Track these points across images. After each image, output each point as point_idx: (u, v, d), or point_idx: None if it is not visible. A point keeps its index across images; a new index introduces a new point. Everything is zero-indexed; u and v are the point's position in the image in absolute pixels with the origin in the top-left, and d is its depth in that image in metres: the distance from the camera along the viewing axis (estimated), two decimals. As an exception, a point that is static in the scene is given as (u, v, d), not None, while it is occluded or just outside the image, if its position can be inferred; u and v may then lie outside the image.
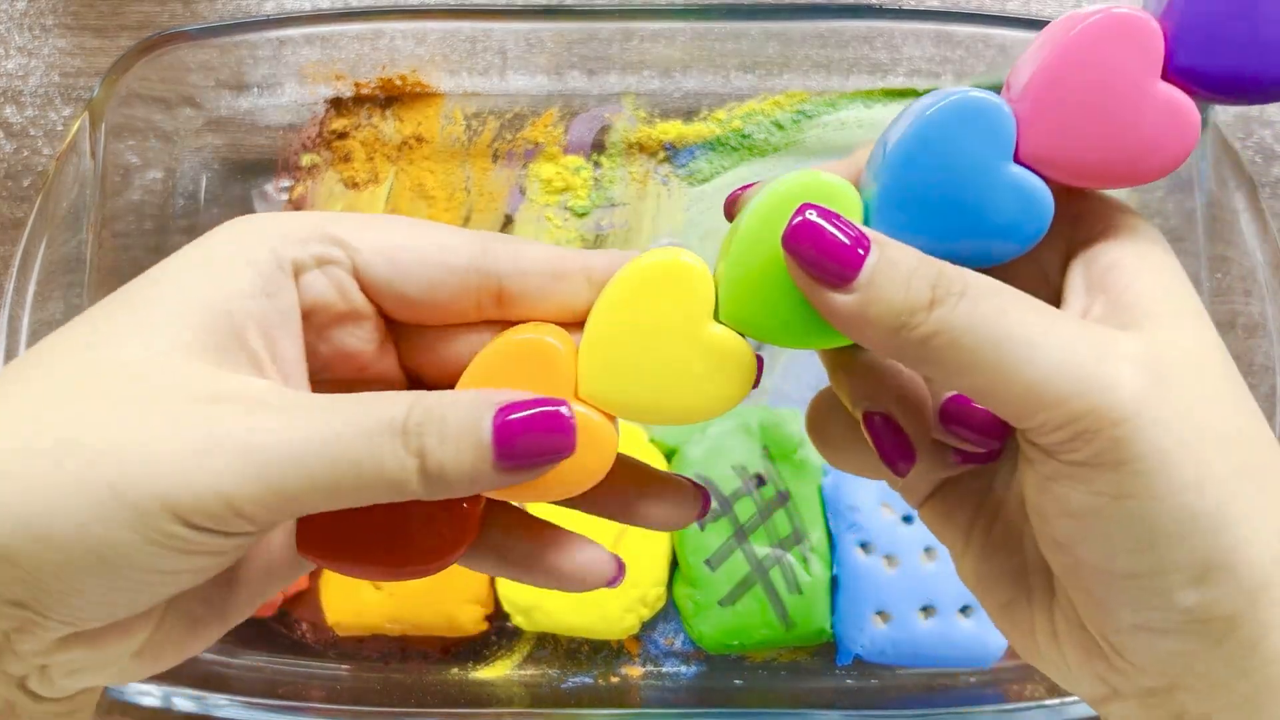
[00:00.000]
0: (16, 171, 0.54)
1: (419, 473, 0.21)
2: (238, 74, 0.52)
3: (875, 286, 0.21)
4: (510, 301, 0.25)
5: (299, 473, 0.20)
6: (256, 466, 0.20)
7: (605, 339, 0.24)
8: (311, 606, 0.50)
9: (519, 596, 0.48)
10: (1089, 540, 0.22)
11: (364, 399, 0.21)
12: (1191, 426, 0.20)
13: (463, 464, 0.21)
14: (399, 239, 0.24)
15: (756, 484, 0.48)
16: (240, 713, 0.45)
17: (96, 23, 0.55)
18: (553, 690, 0.49)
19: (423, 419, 0.21)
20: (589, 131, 0.53)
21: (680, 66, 0.53)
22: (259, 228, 0.24)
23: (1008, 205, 0.23)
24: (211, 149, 0.53)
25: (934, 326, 0.21)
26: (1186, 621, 0.21)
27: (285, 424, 0.20)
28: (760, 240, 0.23)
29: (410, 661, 0.50)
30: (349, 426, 0.21)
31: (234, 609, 0.25)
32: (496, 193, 0.53)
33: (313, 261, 0.24)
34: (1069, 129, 0.22)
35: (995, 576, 0.26)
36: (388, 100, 0.53)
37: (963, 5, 0.54)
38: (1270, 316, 0.47)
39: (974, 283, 0.21)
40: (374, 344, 0.25)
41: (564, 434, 0.22)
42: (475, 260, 0.24)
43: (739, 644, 0.48)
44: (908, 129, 0.23)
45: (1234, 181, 0.48)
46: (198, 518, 0.20)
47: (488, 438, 0.21)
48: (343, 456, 0.20)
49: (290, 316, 0.23)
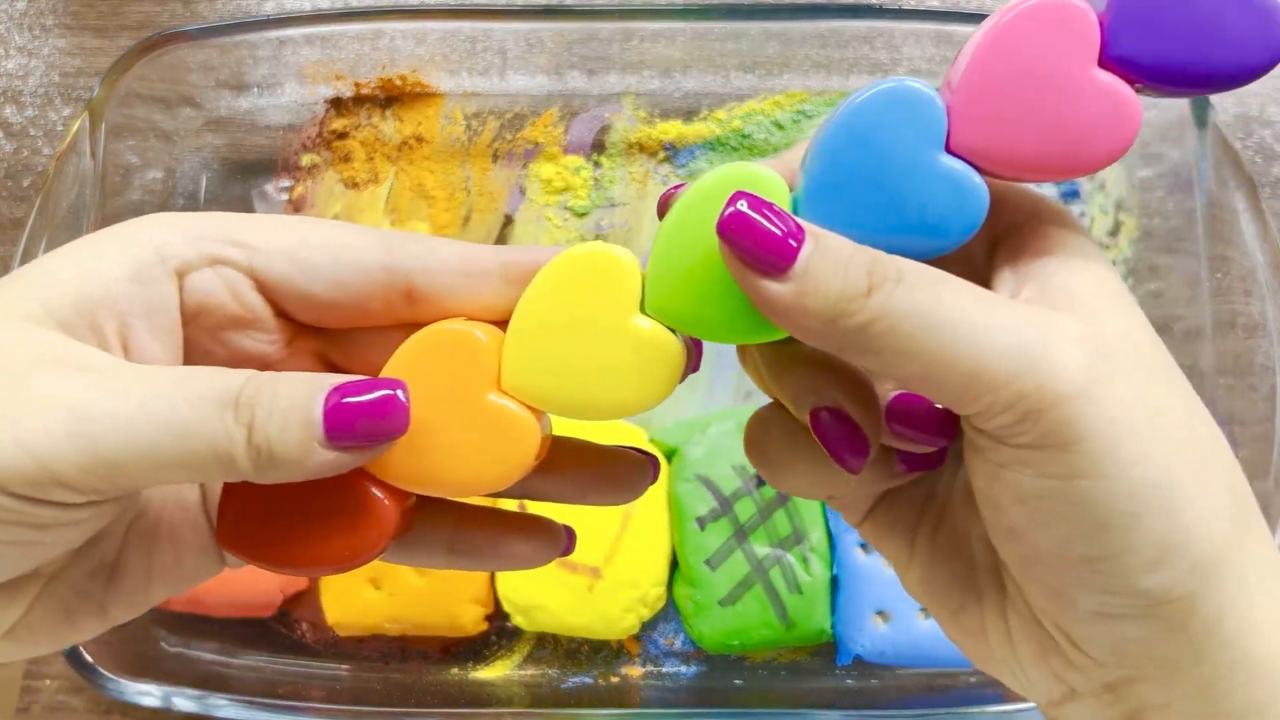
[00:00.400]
0: (16, 171, 0.54)
1: (246, 445, 0.20)
2: (238, 74, 0.52)
3: (811, 275, 0.21)
4: (421, 300, 0.24)
5: (124, 439, 0.20)
6: (76, 428, 0.19)
7: (529, 331, 0.24)
8: (311, 606, 0.50)
9: (519, 596, 0.48)
10: (1044, 526, 0.21)
11: (205, 371, 0.21)
12: (1135, 403, 0.20)
13: (289, 440, 0.21)
14: (301, 238, 0.24)
15: (756, 484, 0.48)
16: (240, 713, 0.45)
17: (96, 23, 0.55)
18: (553, 690, 0.49)
19: (255, 392, 0.21)
20: (589, 131, 0.53)
21: (680, 66, 0.53)
22: (154, 222, 0.23)
23: (939, 198, 0.22)
24: (211, 149, 0.53)
25: (872, 313, 0.20)
26: (1146, 605, 0.21)
27: (115, 388, 0.20)
28: (687, 232, 0.23)
29: (410, 661, 0.50)
30: (180, 392, 0.20)
31: (115, 605, 0.24)
32: (496, 193, 0.53)
33: (203, 260, 0.23)
34: (1001, 119, 0.22)
35: (943, 583, 0.25)
36: (388, 100, 0.53)
37: (963, 5, 0.54)
38: (1270, 316, 0.47)
39: (910, 269, 0.21)
40: (276, 346, 0.25)
41: (395, 415, 0.22)
42: (382, 258, 0.24)
43: (739, 644, 0.48)
44: (836, 119, 0.23)
45: (1234, 181, 0.48)
46: (14, 483, 0.19)
47: (318, 414, 0.21)
48: (169, 422, 0.20)
49: (158, 310, 0.23)
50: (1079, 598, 0.22)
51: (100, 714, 0.49)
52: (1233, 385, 0.48)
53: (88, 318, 0.22)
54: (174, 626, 0.49)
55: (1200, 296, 0.49)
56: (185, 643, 0.49)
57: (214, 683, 0.47)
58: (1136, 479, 0.20)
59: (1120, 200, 0.53)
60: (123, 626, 0.26)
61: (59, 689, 0.49)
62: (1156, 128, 0.51)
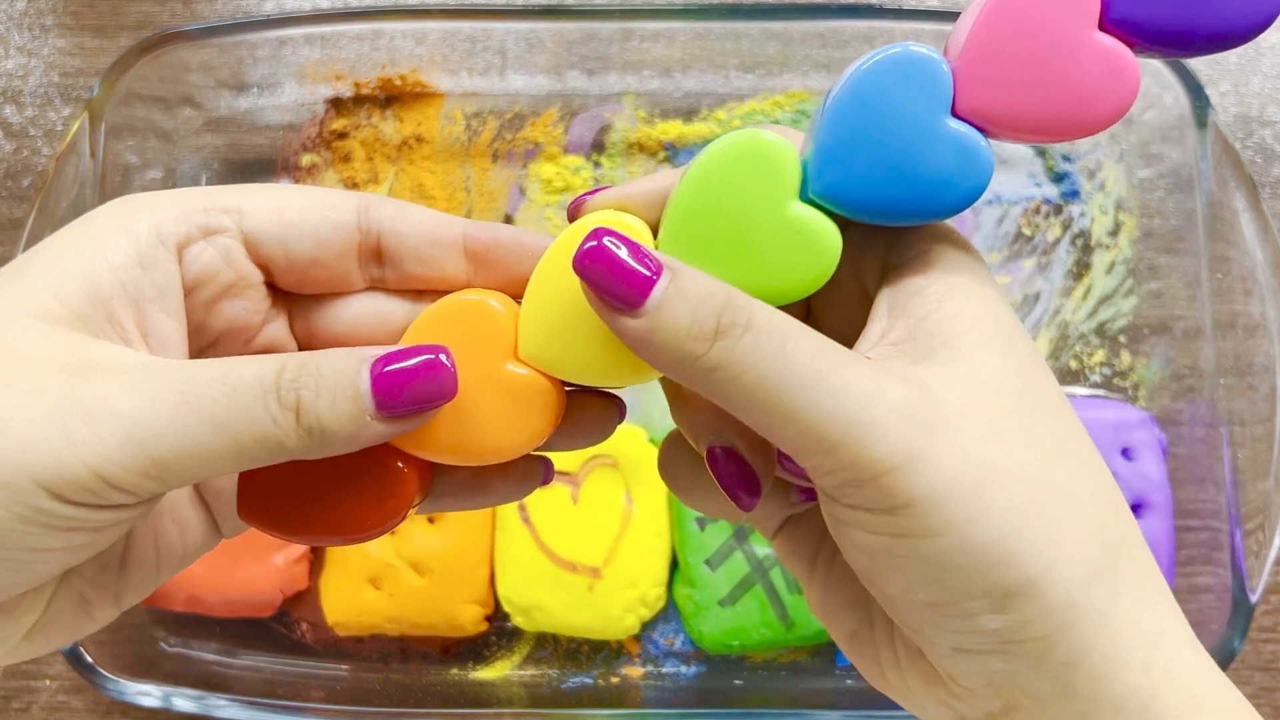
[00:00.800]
0: (16, 171, 0.54)
1: (295, 428, 0.21)
2: (237, 74, 0.52)
3: (662, 313, 0.21)
4: (389, 262, 0.25)
5: (173, 441, 0.20)
6: (125, 434, 0.20)
7: (543, 301, 0.24)
8: (311, 606, 0.50)
9: (519, 596, 0.48)
10: (886, 574, 0.22)
11: (238, 359, 0.21)
12: (965, 467, 0.20)
13: (340, 416, 0.21)
14: (286, 200, 0.25)
15: (756, 484, 0.48)
16: (240, 713, 0.45)
17: (96, 23, 0.55)
18: (553, 690, 0.49)
19: (297, 374, 0.21)
20: (589, 131, 0.53)
21: (680, 66, 0.53)
22: (142, 202, 0.24)
23: (946, 160, 0.23)
24: (211, 149, 0.53)
25: (716, 360, 0.21)
26: (999, 643, 0.21)
27: (156, 390, 0.20)
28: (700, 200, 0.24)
29: (410, 661, 0.50)
30: (218, 386, 0.20)
31: (127, 591, 0.25)
32: (496, 192, 0.53)
33: (198, 233, 0.24)
34: (1005, 81, 0.22)
35: (839, 607, 0.26)
36: (387, 100, 0.53)
37: (963, 5, 0.54)
38: (1270, 316, 0.47)
39: (760, 318, 0.21)
40: (261, 315, 0.25)
41: (443, 379, 0.22)
42: (357, 218, 0.25)
43: (739, 644, 0.48)
44: (843, 84, 0.23)
45: (1234, 181, 0.48)
46: (70, 491, 0.19)
47: (366, 387, 0.21)
48: (215, 419, 0.20)
49: (167, 290, 0.23)
50: (935, 636, 0.22)
51: (100, 714, 0.49)
52: (1233, 385, 0.48)
53: (103, 309, 0.22)
54: (174, 626, 0.49)
55: (1200, 296, 0.49)
56: (185, 643, 0.49)
57: (214, 683, 0.47)
58: (970, 537, 0.20)
59: (1120, 200, 0.53)
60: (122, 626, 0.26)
61: (59, 689, 0.49)
62: (1156, 128, 0.51)
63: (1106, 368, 0.51)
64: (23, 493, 0.19)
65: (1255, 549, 0.46)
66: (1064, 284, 0.52)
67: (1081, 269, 0.52)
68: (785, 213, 0.23)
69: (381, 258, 0.26)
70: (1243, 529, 0.46)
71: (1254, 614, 0.45)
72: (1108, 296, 0.52)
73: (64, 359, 0.21)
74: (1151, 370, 0.51)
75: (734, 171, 0.24)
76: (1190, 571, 0.49)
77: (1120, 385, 0.51)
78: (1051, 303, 0.52)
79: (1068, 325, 0.52)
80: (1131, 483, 0.48)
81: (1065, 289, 0.52)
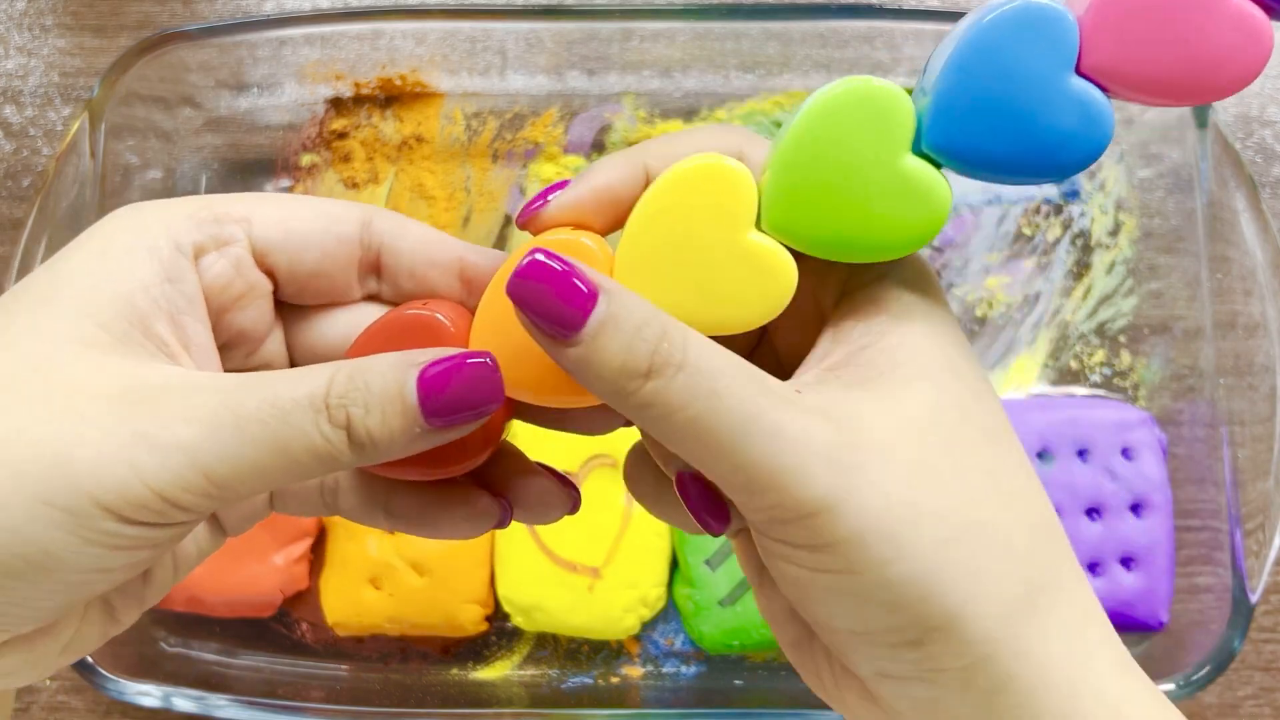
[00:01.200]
0: (16, 171, 0.54)
1: (348, 444, 0.21)
2: (237, 74, 0.52)
3: (597, 345, 0.20)
4: (387, 277, 0.26)
5: (232, 464, 0.20)
6: (188, 460, 0.20)
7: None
8: (311, 606, 0.50)
9: (519, 596, 0.48)
10: (811, 603, 0.22)
11: (283, 377, 0.21)
12: (888, 508, 0.21)
13: (391, 428, 0.21)
14: (292, 210, 0.25)
15: (756, 484, 0.48)
16: (240, 713, 0.45)
17: (96, 22, 0.55)
18: (553, 690, 0.49)
19: (345, 389, 0.21)
20: (589, 131, 0.53)
21: (680, 66, 0.53)
22: (154, 214, 0.24)
23: (1068, 118, 0.22)
24: (211, 149, 0.53)
25: (647, 398, 0.20)
26: (921, 671, 0.21)
27: (207, 412, 0.20)
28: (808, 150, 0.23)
29: (410, 662, 0.50)
30: (270, 407, 0.20)
31: (150, 594, 0.25)
32: (496, 192, 0.53)
33: (211, 243, 0.24)
34: (1134, 40, 0.21)
35: (783, 616, 0.26)
36: (387, 100, 0.53)
37: (963, 5, 0.54)
38: (1270, 316, 0.47)
39: (695, 356, 0.21)
40: (266, 325, 0.26)
41: (490, 384, 0.22)
42: (360, 230, 0.25)
43: (739, 644, 0.48)
44: (965, 37, 0.22)
45: (1234, 181, 0.48)
46: (136, 513, 0.20)
47: (414, 399, 0.21)
48: (268, 441, 0.20)
49: (195, 300, 0.24)
50: (860, 662, 0.22)
51: (100, 714, 0.49)
52: (1233, 385, 0.48)
53: (143, 329, 0.22)
54: (174, 627, 0.49)
55: (1200, 296, 0.49)
56: (185, 643, 0.49)
57: (214, 683, 0.47)
58: (891, 575, 0.21)
59: (1120, 200, 0.53)
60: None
61: (59, 689, 0.49)
62: (1157, 128, 0.51)
63: (1106, 368, 0.51)
64: (88, 517, 0.20)
65: (1255, 549, 0.46)
66: (1064, 284, 0.52)
67: (1082, 269, 0.52)
68: (898, 165, 0.23)
69: (380, 271, 0.26)
70: (1243, 529, 0.46)
71: (1254, 614, 0.45)
72: (1108, 296, 0.52)
73: (118, 386, 0.21)
74: (1151, 370, 0.51)
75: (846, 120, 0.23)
76: (1190, 571, 0.49)
77: (1120, 385, 0.51)
78: (1051, 303, 0.52)
79: (1068, 325, 0.52)
80: (1132, 483, 0.48)
81: (1065, 289, 0.52)
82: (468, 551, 0.48)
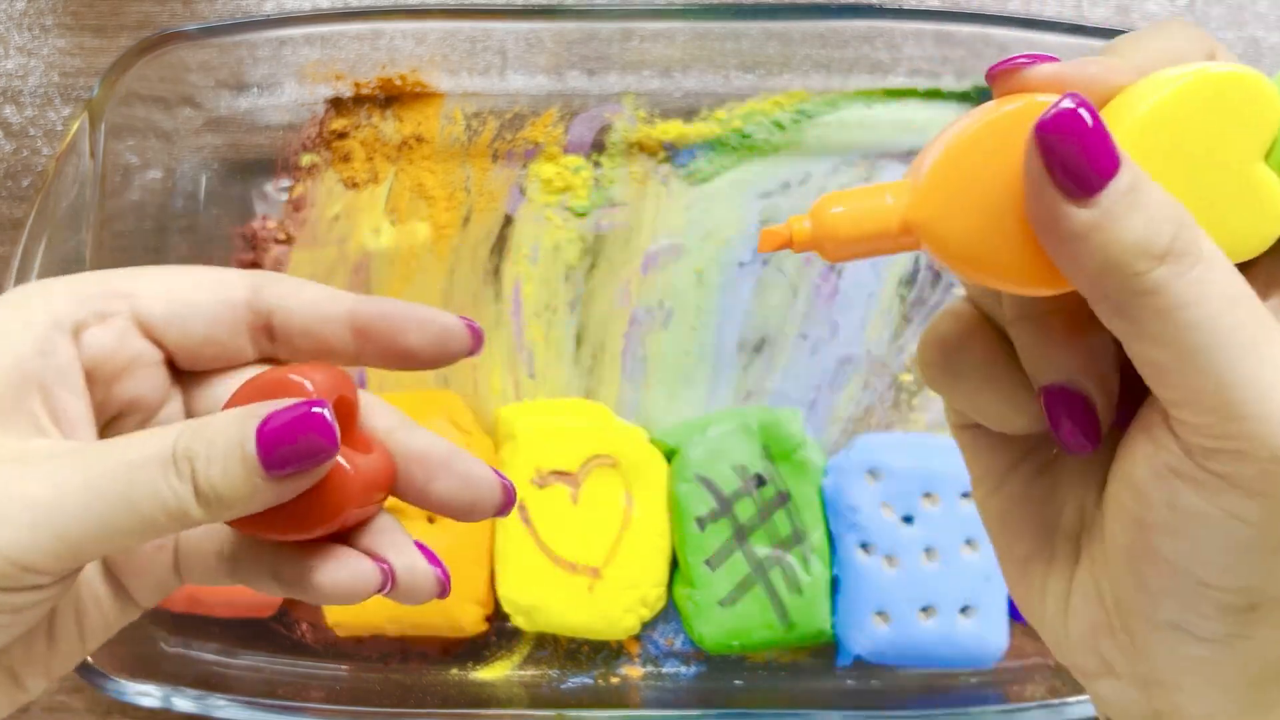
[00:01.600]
0: (16, 171, 0.54)
1: (195, 497, 0.21)
2: (237, 74, 0.52)
3: (1117, 211, 0.18)
4: (281, 338, 0.26)
5: (82, 523, 0.21)
6: (32, 520, 0.20)
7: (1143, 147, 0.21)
8: (311, 606, 0.50)
9: (519, 597, 0.48)
10: (1180, 538, 0.20)
11: (136, 436, 0.22)
12: None
13: (234, 480, 0.21)
14: (175, 281, 0.25)
15: (756, 484, 0.48)
16: (240, 713, 0.45)
17: (96, 22, 0.55)
18: (553, 691, 0.49)
19: (189, 442, 0.21)
20: (589, 131, 0.53)
21: (680, 66, 0.53)
22: (35, 292, 0.24)
23: None
24: (211, 149, 0.53)
25: (1156, 284, 0.18)
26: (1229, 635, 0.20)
27: (58, 475, 0.21)
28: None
29: (410, 662, 0.50)
30: (119, 465, 0.21)
31: (56, 661, 0.25)
32: (496, 192, 0.53)
33: (93, 318, 0.24)
34: None
35: (1021, 528, 0.24)
36: (387, 100, 0.53)
37: (963, 5, 0.54)
38: (1271, 317, 0.47)
39: (1211, 252, 0.19)
40: (160, 392, 0.26)
41: (323, 434, 0.21)
42: (248, 295, 0.25)
43: (739, 644, 0.48)
44: None
45: None
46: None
47: (253, 449, 0.21)
48: (117, 496, 0.21)
49: (68, 373, 0.24)
50: (1164, 607, 0.21)
51: (100, 714, 0.49)
52: None
53: (12, 401, 0.23)
54: (174, 626, 0.49)
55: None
56: (185, 643, 0.49)
57: (214, 683, 0.47)
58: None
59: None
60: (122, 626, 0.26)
61: (58, 689, 0.49)
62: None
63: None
64: None
65: None
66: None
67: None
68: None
69: (273, 334, 0.26)
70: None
71: None
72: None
73: None
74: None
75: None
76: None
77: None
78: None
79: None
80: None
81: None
82: (468, 552, 0.48)
